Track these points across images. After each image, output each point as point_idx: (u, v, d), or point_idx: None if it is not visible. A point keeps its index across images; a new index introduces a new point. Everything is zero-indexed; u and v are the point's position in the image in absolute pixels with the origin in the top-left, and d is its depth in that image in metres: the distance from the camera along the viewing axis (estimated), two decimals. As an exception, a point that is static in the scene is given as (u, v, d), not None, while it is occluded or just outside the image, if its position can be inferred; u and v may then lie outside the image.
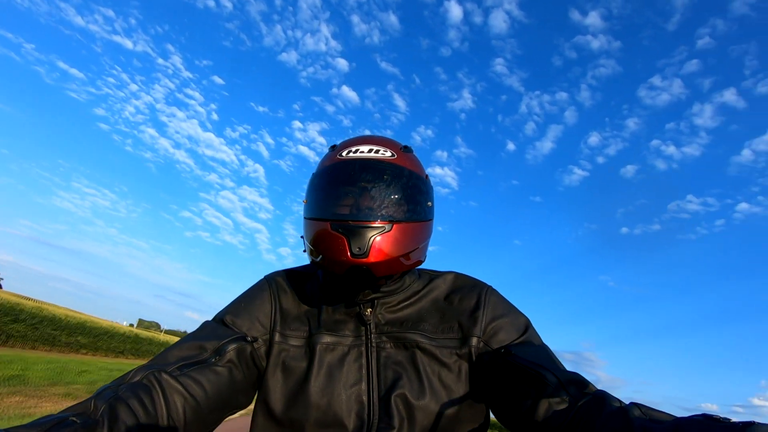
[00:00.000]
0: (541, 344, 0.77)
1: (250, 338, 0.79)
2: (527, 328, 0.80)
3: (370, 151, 0.79)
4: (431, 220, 0.83)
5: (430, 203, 0.83)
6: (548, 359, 0.71)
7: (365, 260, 0.71)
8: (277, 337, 0.80)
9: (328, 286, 0.85)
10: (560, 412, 0.62)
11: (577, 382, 0.65)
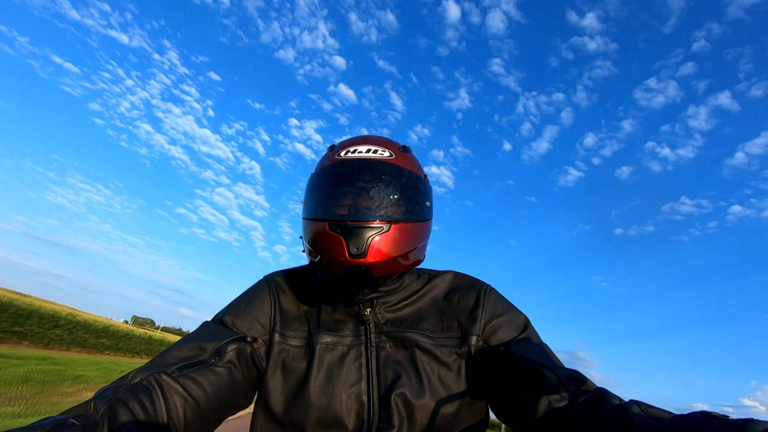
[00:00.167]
0: (540, 342, 0.78)
1: (249, 338, 0.79)
2: (526, 326, 0.80)
3: (368, 151, 0.80)
4: (430, 220, 0.83)
5: (428, 203, 0.83)
6: (547, 357, 0.72)
7: (363, 260, 0.71)
8: (276, 337, 0.81)
9: (327, 286, 0.86)
10: (560, 409, 0.62)
11: (576, 379, 0.66)
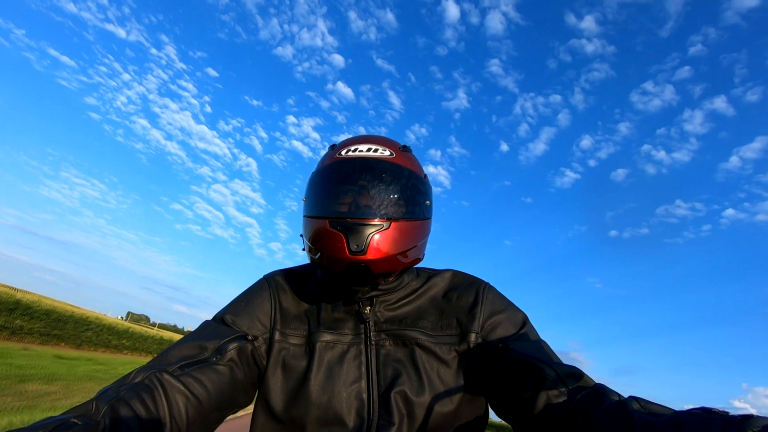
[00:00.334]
0: (538, 339, 0.78)
1: (250, 337, 0.79)
2: (524, 323, 0.81)
3: (369, 150, 0.80)
4: (429, 218, 0.84)
5: (428, 202, 0.83)
6: (546, 353, 0.72)
7: (363, 257, 0.72)
8: (277, 335, 0.81)
9: (327, 284, 0.86)
10: (559, 405, 0.63)
11: (575, 375, 0.66)
